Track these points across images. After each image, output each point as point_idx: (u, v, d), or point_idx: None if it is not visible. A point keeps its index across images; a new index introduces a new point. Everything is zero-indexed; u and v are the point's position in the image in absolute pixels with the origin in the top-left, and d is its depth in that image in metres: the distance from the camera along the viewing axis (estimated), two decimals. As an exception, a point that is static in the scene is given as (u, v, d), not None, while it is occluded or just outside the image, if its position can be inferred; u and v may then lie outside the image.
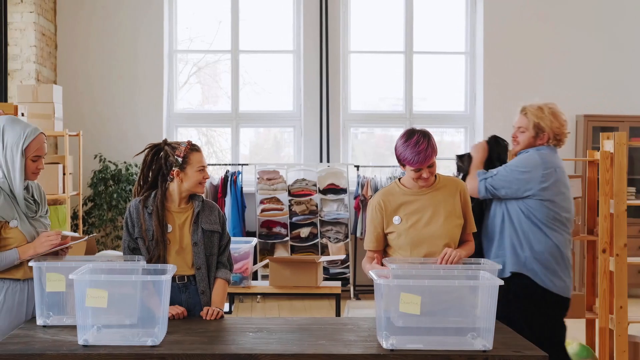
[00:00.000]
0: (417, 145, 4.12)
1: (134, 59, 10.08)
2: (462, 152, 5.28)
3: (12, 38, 9.12)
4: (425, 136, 4.15)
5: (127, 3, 10.06)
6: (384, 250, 4.37)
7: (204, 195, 4.42)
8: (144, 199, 4.20)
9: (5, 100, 8.86)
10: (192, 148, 4.22)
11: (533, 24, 10.33)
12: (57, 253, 4.03)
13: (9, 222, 3.93)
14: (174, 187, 4.21)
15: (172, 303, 3.91)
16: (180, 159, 4.17)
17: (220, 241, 4.28)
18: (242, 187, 9.61)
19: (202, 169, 4.21)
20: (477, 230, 4.48)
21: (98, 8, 10.02)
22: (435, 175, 4.30)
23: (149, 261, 4.05)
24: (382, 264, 4.22)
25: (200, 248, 4.17)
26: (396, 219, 4.24)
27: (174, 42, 10.44)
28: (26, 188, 4.06)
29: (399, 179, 4.36)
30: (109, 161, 9.77)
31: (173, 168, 4.18)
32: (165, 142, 4.28)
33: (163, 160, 4.21)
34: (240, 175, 9.61)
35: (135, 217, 4.18)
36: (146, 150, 4.31)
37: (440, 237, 4.18)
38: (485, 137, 5.12)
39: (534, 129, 4.76)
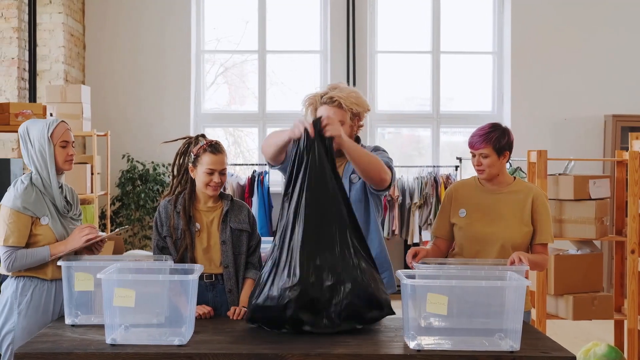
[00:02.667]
0: (478, 130, 4.12)
1: (162, 60, 10.13)
2: None
3: (41, 39, 9.19)
4: (493, 126, 4.11)
5: (154, 4, 10.11)
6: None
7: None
8: (174, 199, 4.20)
9: (34, 101, 8.93)
10: (207, 148, 4.14)
11: (560, 23, 10.27)
12: (90, 249, 4.05)
13: (40, 219, 3.96)
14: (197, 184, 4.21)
15: (198, 302, 3.89)
16: (193, 156, 4.17)
17: (249, 241, 4.28)
18: (269, 187, 9.61)
19: (211, 171, 4.11)
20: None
21: (126, 9, 10.09)
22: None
23: (177, 259, 4.06)
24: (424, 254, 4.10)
25: (228, 247, 4.16)
26: (462, 212, 4.19)
27: (201, 42, 10.48)
28: (60, 187, 4.09)
29: None
30: (137, 161, 9.82)
31: (189, 163, 4.18)
32: (197, 136, 4.26)
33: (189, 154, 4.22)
34: (267, 175, 9.62)
35: (164, 216, 4.19)
36: (182, 141, 4.30)
37: (496, 240, 4.11)
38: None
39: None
